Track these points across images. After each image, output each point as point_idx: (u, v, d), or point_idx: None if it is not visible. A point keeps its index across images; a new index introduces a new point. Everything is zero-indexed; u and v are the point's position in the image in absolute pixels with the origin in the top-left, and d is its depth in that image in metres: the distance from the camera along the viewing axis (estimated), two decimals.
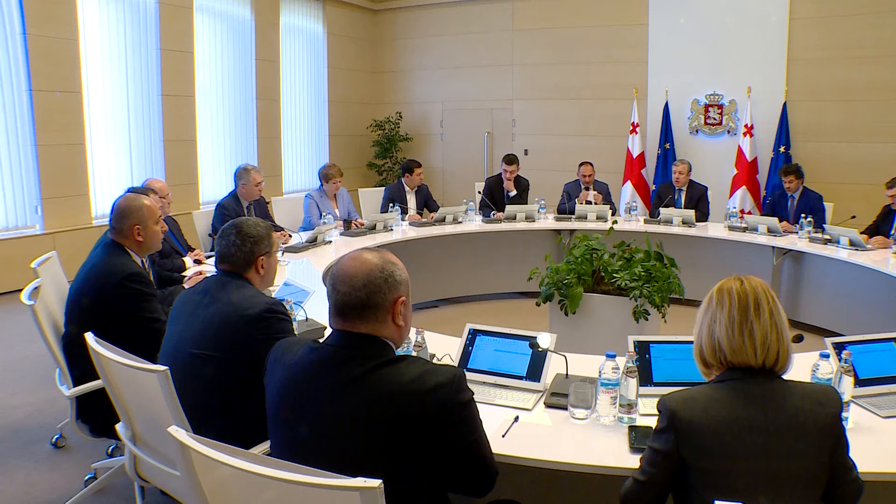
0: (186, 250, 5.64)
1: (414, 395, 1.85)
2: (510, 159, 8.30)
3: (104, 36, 7.67)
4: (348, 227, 6.95)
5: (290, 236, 6.40)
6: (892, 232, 6.55)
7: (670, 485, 2.00)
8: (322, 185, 7.40)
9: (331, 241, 6.42)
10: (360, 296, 1.94)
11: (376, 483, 1.54)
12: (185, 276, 4.93)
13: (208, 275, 3.69)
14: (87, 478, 3.66)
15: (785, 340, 1.99)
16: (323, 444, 1.89)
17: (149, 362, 2.39)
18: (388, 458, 1.84)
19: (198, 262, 5.42)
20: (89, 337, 2.55)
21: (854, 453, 2.27)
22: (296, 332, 2.86)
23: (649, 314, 4.58)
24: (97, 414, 3.16)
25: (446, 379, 1.89)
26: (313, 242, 6.21)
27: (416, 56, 11.76)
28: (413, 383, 1.86)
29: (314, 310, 3.87)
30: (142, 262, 3.55)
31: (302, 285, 4.05)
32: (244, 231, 2.82)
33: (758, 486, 1.87)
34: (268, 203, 7.01)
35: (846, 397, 2.67)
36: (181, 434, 1.73)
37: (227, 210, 6.17)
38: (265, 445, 2.49)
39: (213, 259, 3.07)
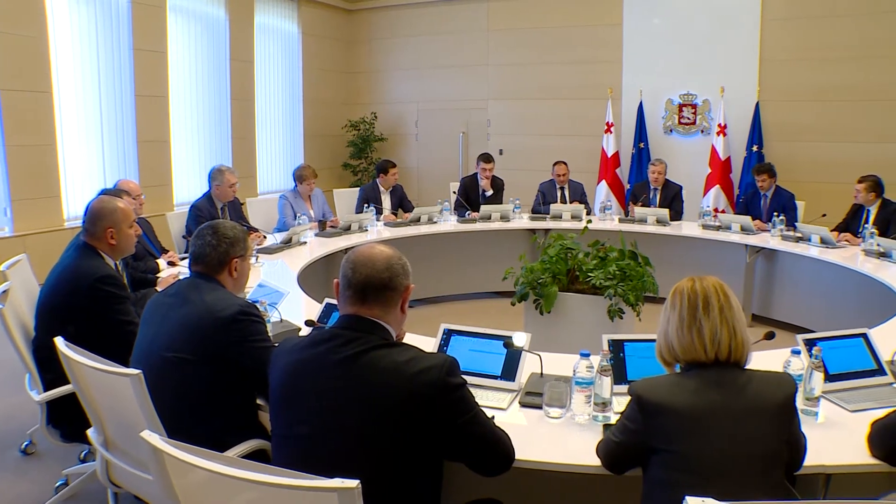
0: (160, 252, 5.59)
1: (406, 375, 1.95)
2: (487, 157, 8.33)
3: (75, 35, 7.58)
4: (323, 227, 6.93)
5: (265, 237, 6.37)
6: (861, 230, 6.64)
7: (637, 456, 2.13)
8: (296, 186, 7.38)
9: (305, 242, 6.40)
10: (383, 277, 2.10)
11: (353, 483, 1.56)
12: (158, 278, 4.89)
13: (182, 277, 3.66)
14: (57, 484, 3.60)
15: (738, 335, 2.11)
16: (323, 425, 1.97)
17: (121, 366, 2.38)
18: (383, 437, 1.93)
19: (171, 263, 5.37)
20: (59, 341, 2.52)
21: (825, 447, 2.43)
22: (269, 334, 2.84)
23: (624, 313, 4.61)
24: (68, 419, 3.13)
25: (438, 363, 2.00)
26: (288, 243, 6.19)
27: (392, 56, 11.73)
28: (406, 364, 1.98)
29: (289, 311, 3.87)
30: (115, 264, 3.52)
31: (276, 286, 4.04)
32: (220, 232, 2.81)
33: (722, 466, 1.97)
34: (242, 204, 6.97)
35: (817, 392, 2.72)
36: (154, 438, 1.73)
37: (201, 211, 6.13)
38: (241, 448, 2.50)
39: (187, 261, 3.05)
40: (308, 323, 3.36)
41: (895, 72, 8.70)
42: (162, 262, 5.34)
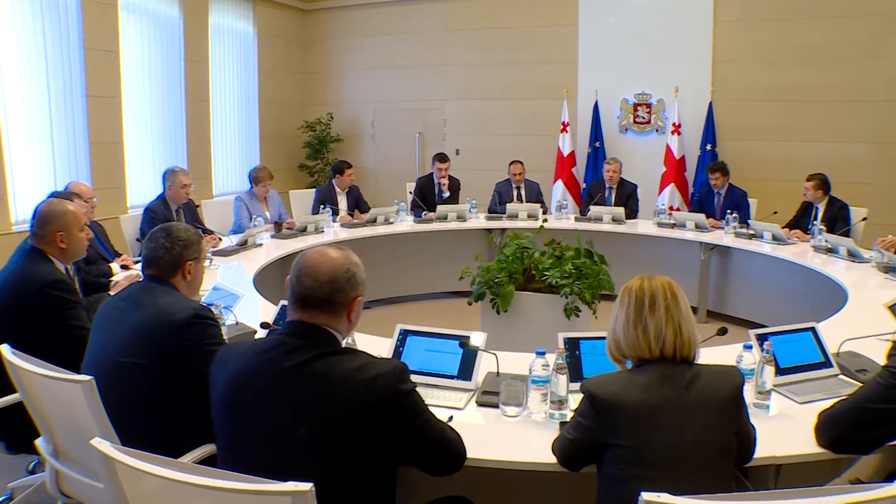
0: (113, 256, 5.50)
1: (357, 383, 1.93)
2: (442, 157, 8.36)
3: (20, 33, 7.39)
4: (279, 229, 6.88)
5: (221, 240, 6.31)
6: (810, 226, 6.79)
7: (591, 452, 2.15)
8: (252, 187, 7.33)
9: (261, 244, 6.36)
10: (324, 291, 2.05)
11: (307, 487, 1.56)
12: (112, 283, 4.81)
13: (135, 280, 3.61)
14: (2, 498, 3.51)
15: (684, 334, 2.14)
16: (271, 431, 1.95)
17: (72, 372, 2.34)
18: (333, 445, 1.91)
19: (125, 267, 5.29)
20: (4, 349, 2.47)
21: (775, 438, 2.48)
22: (225, 337, 2.82)
23: (580, 311, 4.65)
24: (14, 429, 3.04)
25: (389, 369, 1.99)
26: (244, 245, 6.14)
27: (348, 56, 11.66)
28: (356, 371, 1.96)
29: (245, 313, 3.84)
30: (66, 268, 3.46)
31: (232, 289, 4.02)
32: (174, 234, 2.78)
33: (674, 460, 2.01)
34: (198, 206, 6.90)
35: (768, 386, 2.78)
36: (105, 446, 1.70)
37: (155, 214, 6.06)
38: (196, 453, 2.47)
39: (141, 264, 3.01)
40: (263, 325, 3.34)
41: (842, 74, 8.91)
42: (115, 265, 5.25)
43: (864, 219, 6.89)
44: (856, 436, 2.35)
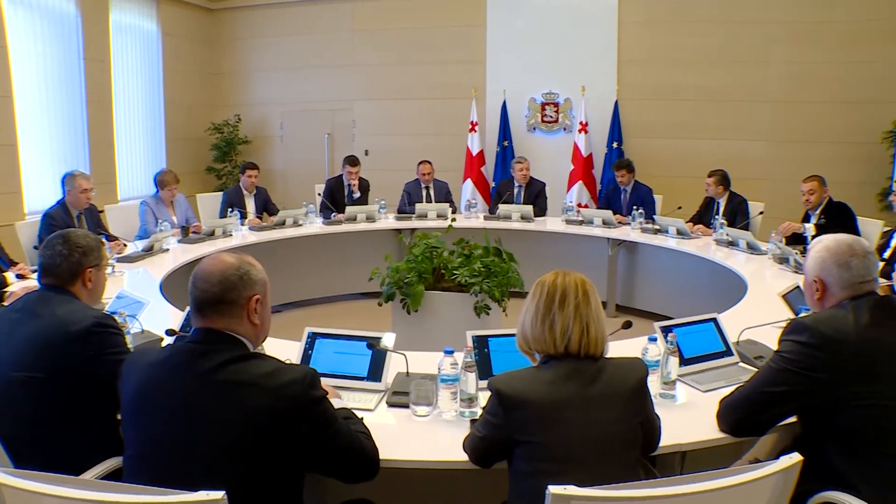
0: (8, 265, 5.25)
1: (265, 390, 1.91)
2: (353, 161, 8.30)
3: None
4: (186, 234, 6.70)
5: (126, 245, 6.11)
6: (713, 221, 7.00)
7: (501, 449, 2.16)
8: (158, 191, 7.13)
9: (168, 250, 6.18)
10: (214, 291, 2.03)
11: (219, 495, 1.55)
12: (7, 293, 4.59)
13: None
14: None
15: (591, 332, 2.16)
16: (180, 439, 1.90)
17: None
18: (242, 452, 1.88)
19: (21, 277, 5.06)
20: None
21: (681, 426, 2.55)
22: (129, 346, 2.72)
23: (490, 309, 4.68)
24: None
25: (298, 376, 1.97)
26: (150, 251, 5.96)
27: (255, 57, 11.45)
28: (265, 378, 1.93)
29: (151, 321, 3.72)
30: None
31: (137, 296, 3.90)
32: (71, 241, 2.67)
33: (581, 453, 2.03)
34: (101, 211, 6.67)
35: (673, 376, 2.84)
36: None
37: (54, 220, 5.82)
38: (101, 468, 2.37)
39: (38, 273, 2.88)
40: (169, 332, 3.24)
41: (740, 75, 9.27)
42: (10, 275, 5.02)
43: (762, 213, 7.14)
44: (752, 419, 2.45)
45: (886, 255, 5.32)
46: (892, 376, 2.24)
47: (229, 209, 7.52)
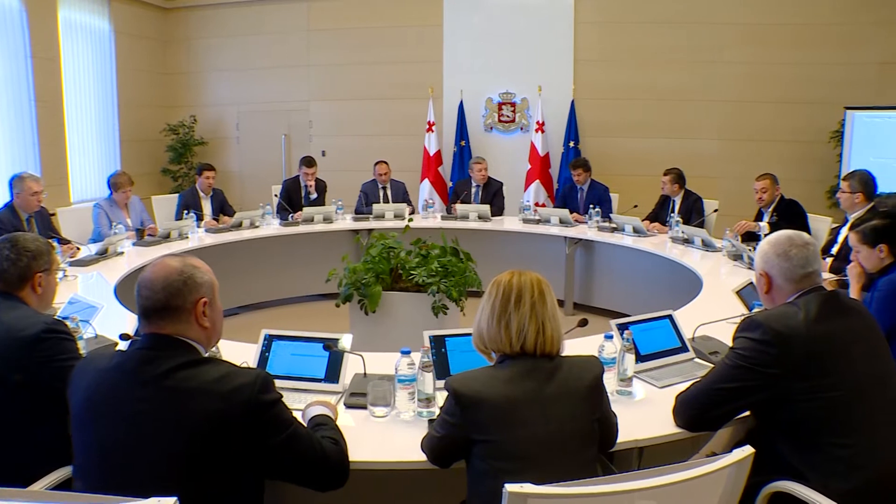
0: None
1: (216, 395, 1.87)
2: (309, 162, 8.24)
3: None
4: (141, 236, 6.59)
5: (79, 249, 6.00)
6: (668, 219, 7.08)
7: (459, 449, 2.16)
8: (112, 193, 7.00)
9: (123, 253, 6.08)
10: (159, 298, 1.99)
11: (171, 501, 1.53)
12: None
13: None
14: None
15: (547, 332, 2.17)
16: (130, 447, 1.87)
17: None
18: (193, 459, 1.85)
19: None
20: None
21: (638, 423, 2.58)
22: (81, 351, 2.67)
23: (448, 309, 4.68)
24: None
25: (250, 380, 1.93)
26: (104, 254, 5.86)
27: (211, 57, 11.31)
28: (216, 383, 1.89)
29: (105, 325, 3.66)
30: None
31: (90, 301, 3.82)
32: (20, 245, 2.62)
33: (538, 450, 2.05)
34: (52, 214, 6.52)
35: (630, 373, 2.87)
36: None
37: (2, 224, 5.66)
38: (51, 478, 2.32)
39: None
40: (123, 336, 3.18)
41: (693, 75, 9.43)
42: None
43: (716, 210, 7.24)
44: (708, 414, 2.49)
45: (834, 250, 5.42)
46: (839, 369, 2.31)
47: (185, 211, 7.42)
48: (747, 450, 1.78)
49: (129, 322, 3.93)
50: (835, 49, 8.96)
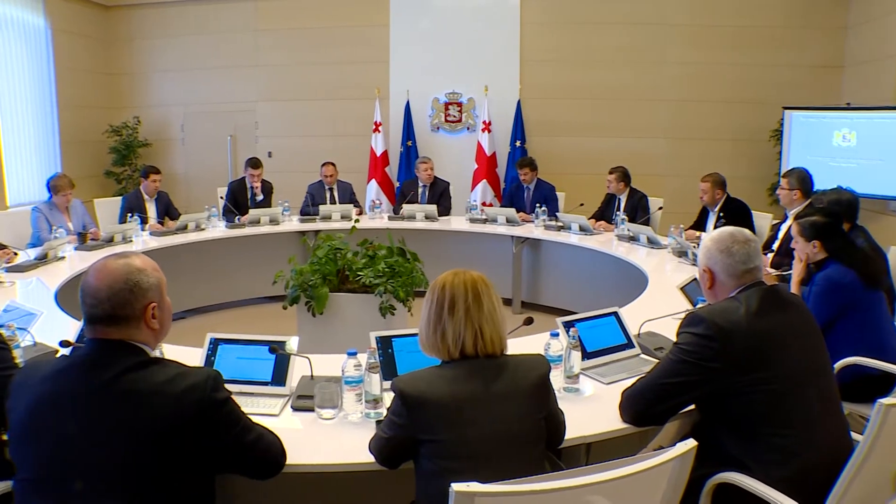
0: None
1: (168, 397, 1.85)
2: (255, 163, 8.16)
3: None
4: (83, 240, 6.46)
5: (16, 254, 5.84)
6: (614, 217, 7.16)
7: (407, 449, 2.17)
8: (51, 196, 6.84)
9: (64, 257, 5.94)
10: (105, 308, 1.93)
11: None
12: None
13: None
14: None
15: (486, 335, 2.18)
16: (80, 456, 1.82)
17: None
18: (148, 463, 1.82)
19: None
20: None
21: (585, 419, 2.60)
22: (18, 361, 2.59)
23: (395, 309, 4.68)
24: None
25: (201, 379, 1.91)
26: (43, 259, 5.71)
27: (154, 57, 11.11)
28: (167, 384, 1.86)
29: (45, 332, 3.57)
30: None
31: (29, 308, 3.73)
32: None
33: (486, 449, 2.06)
34: None
35: (576, 370, 2.89)
36: None
37: None
38: None
39: None
40: (63, 343, 3.10)
41: (638, 74, 9.60)
42: None
43: (661, 208, 7.35)
44: (653, 409, 2.53)
45: (775, 246, 5.54)
46: (779, 362, 2.36)
47: (129, 214, 7.28)
48: (690, 443, 1.81)
49: (70, 328, 3.85)
50: (774, 51, 9.22)
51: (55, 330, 3.73)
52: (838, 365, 3.31)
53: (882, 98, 8.24)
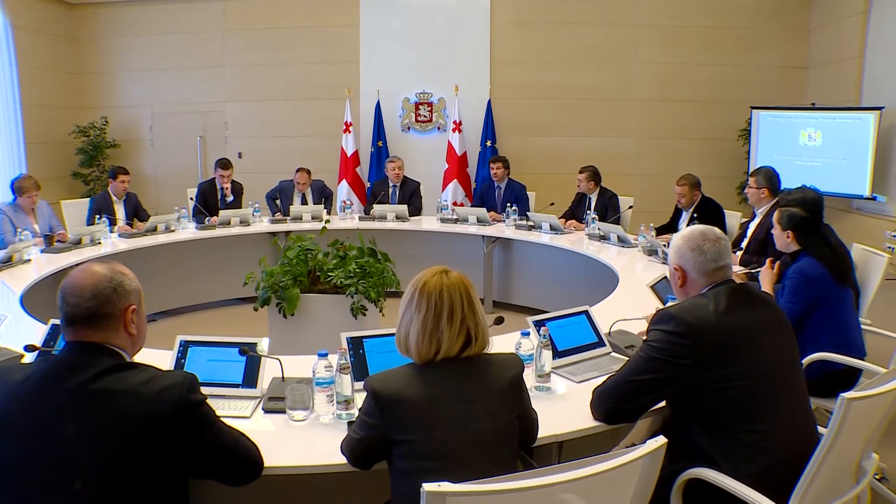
0: None
1: (144, 399, 1.85)
2: (224, 164, 8.11)
3: None
4: (50, 242, 6.37)
5: None
6: (585, 216, 7.20)
7: (380, 450, 2.16)
8: (16, 198, 6.75)
9: (30, 260, 5.85)
10: (88, 306, 1.94)
11: None
12: None
13: None
14: None
15: (478, 338, 2.18)
16: (54, 459, 1.80)
17: None
18: (125, 465, 1.81)
19: None
20: None
21: (557, 417, 2.61)
22: None
23: (367, 310, 4.67)
24: None
25: (178, 380, 1.92)
26: (8, 262, 5.63)
27: (122, 56, 10.97)
28: (142, 387, 1.86)
29: (10, 336, 3.55)
30: None
31: None
32: None
33: (459, 449, 2.06)
34: None
35: (547, 369, 2.90)
36: None
37: None
38: None
39: None
40: (28, 348, 3.05)
41: (608, 74, 9.71)
42: None
43: (631, 207, 7.40)
44: (624, 406, 2.54)
45: (744, 244, 5.60)
46: (748, 359, 2.38)
47: (97, 216, 7.19)
48: (660, 440, 1.82)
49: (37, 332, 3.79)
50: (742, 52, 9.35)
51: (20, 334, 3.69)
52: (806, 361, 3.36)
53: (844, 98, 8.40)
